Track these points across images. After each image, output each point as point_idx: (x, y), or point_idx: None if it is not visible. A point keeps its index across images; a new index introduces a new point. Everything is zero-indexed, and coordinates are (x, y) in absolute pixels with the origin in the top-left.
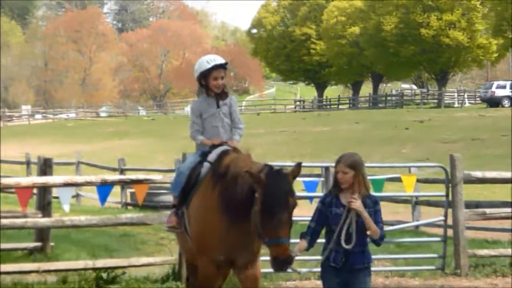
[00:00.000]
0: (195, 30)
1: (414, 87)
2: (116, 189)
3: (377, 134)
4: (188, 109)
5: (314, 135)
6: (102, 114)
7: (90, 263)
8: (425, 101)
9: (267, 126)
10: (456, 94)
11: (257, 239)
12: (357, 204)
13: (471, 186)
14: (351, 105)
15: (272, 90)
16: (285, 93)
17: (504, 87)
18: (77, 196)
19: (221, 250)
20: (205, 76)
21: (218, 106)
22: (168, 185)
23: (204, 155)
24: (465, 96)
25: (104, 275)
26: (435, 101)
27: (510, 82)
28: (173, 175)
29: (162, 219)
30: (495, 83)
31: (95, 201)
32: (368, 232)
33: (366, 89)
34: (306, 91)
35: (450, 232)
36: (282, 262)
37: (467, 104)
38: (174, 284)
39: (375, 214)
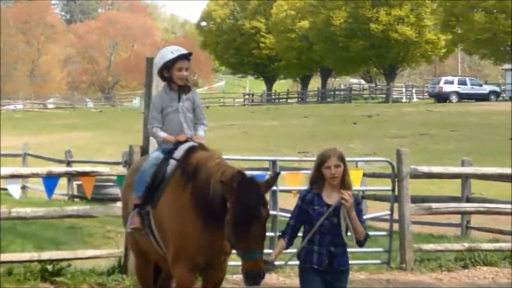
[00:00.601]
0: (144, 22)
1: (363, 81)
2: (63, 181)
3: (326, 128)
4: (136, 101)
5: (263, 129)
6: (50, 106)
7: (35, 255)
8: (374, 96)
9: (217, 120)
10: (404, 89)
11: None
12: (351, 202)
13: (419, 181)
14: (300, 99)
15: (221, 83)
16: (234, 86)
17: (452, 82)
18: (23, 188)
19: (200, 251)
20: (168, 68)
21: (179, 101)
22: (115, 177)
23: (168, 152)
24: (413, 91)
25: (50, 267)
26: (383, 96)
27: (458, 77)
28: (120, 167)
29: (108, 211)
30: (443, 79)
31: (41, 193)
32: (356, 234)
33: (315, 83)
34: (255, 85)
35: (396, 226)
36: (254, 276)
37: (415, 99)
38: (120, 276)
39: (358, 213)
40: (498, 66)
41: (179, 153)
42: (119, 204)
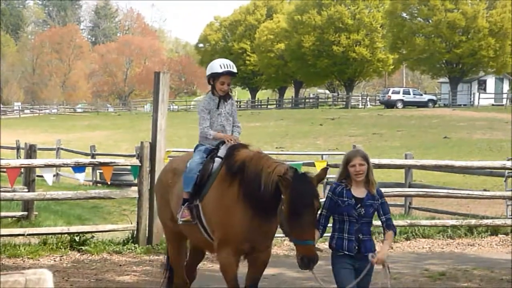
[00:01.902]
0: (154, 44)
1: (327, 91)
2: (88, 170)
3: (298, 128)
4: (147, 107)
5: (248, 129)
6: (78, 110)
7: (65, 229)
8: (336, 103)
9: None
10: (360, 97)
11: (275, 229)
12: (383, 257)
13: None
14: (277, 106)
15: None
16: None
17: (398, 92)
18: (56, 175)
19: (246, 238)
20: (214, 78)
21: (219, 106)
22: (129, 167)
23: (211, 152)
24: (368, 99)
25: (77, 238)
26: (344, 103)
27: (403, 88)
28: (133, 159)
29: (124, 194)
30: (391, 89)
31: (71, 179)
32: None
33: (289, 93)
34: (241, 94)
35: None
36: (308, 261)
37: (369, 106)
38: (133, 246)
39: (383, 205)
40: (435, 80)
41: (222, 151)
42: (133, 188)
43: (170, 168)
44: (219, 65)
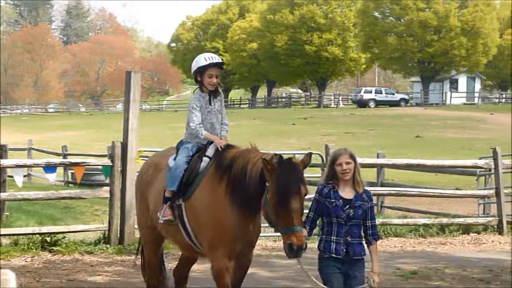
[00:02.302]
0: (126, 44)
1: (300, 91)
2: (60, 170)
3: (270, 128)
4: (119, 106)
5: None
6: (50, 110)
7: (37, 229)
8: (308, 102)
9: (184, 122)
10: (332, 97)
11: (260, 227)
12: (376, 279)
13: None
14: (250, 105)
15: (188, 92)
16: None
17: (370, 91)
18: (28, 175)
19: (237, 237)
20: (200, 73)
21: (210, 103)
22: (101, 167)
23: (199, 150)
24: (340, 99)
25: (48, 239)
26: (316, 102)
27: (375, 88)
28: (105, 159)
29: (95, 194)
30: (363, 89)
31: (43, 180)
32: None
33: (262, 92)
34: None
35: None
36: (297, 249)
37: (341, 105)
38: (104, 246)
39: (370, 209)
40: (406, 79)
41: (211, 151)
42: (105, 188)
43: (151, 163)
44: (204, 58)
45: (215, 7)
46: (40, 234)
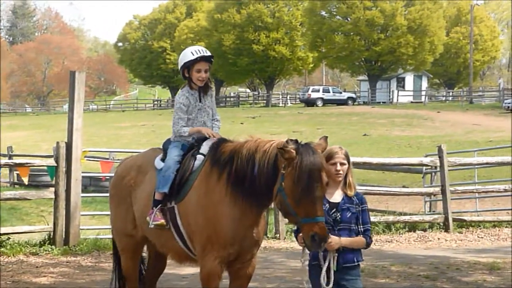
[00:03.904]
0: (72, 43)
1: (248, 90)
2: (6, 171)
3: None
4: (66, 106)
5: (168, 128)
6: None
7: None
8: (257, 101)
9: (131, 121)
10: (280, 96)
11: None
12: (333, 244)
13: None
14: None
15: (135, 92)
16: (146, 94)
17: (318, 90)
18: None
19: (234, 238)
20: (188, 68)
21: (200, 100)
22: (45, 167)
23: (190, 149)
24: (288, 98)
25: None
26: (264, 101)
27: (323, 86)
28: (51, 160)
29: (40, 195)
30: (311, 88)
31: None
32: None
33: None
34: (162, 93)
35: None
36: (320, 240)
37: (289, 104)
38: (50, 247)
39: (362, 213)
40: (354, 78)
41: (205, 148)
42: (50, 189)
43: (132, 165)
44: (190, 52)
45: (162, 6)
46: None
